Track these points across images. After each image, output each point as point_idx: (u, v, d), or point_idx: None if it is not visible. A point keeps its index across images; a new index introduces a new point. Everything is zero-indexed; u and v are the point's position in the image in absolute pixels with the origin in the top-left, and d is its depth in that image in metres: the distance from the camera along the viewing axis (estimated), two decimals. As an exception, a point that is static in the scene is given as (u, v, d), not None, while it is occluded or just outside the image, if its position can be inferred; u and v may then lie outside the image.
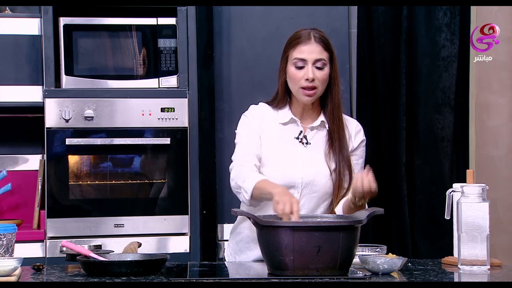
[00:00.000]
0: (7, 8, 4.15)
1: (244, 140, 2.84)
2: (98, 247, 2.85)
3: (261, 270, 2.57)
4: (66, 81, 3.94)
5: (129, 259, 2.56)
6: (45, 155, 3.91)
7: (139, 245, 2.82)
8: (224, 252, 4.08)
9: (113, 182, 3.93)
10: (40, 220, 4.03)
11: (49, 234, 3.85)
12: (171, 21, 3.99)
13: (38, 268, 2.56)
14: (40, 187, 4.13)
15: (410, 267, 2.62)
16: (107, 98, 3.90)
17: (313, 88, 2.78)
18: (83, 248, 2.60)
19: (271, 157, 2.81)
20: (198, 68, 4.00)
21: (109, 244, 3.71)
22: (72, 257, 2.60)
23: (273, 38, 4.12)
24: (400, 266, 2.49)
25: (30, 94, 3.98)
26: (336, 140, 2.82)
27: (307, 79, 2.77)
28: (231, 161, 2.85)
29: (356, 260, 2.48)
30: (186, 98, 3.96)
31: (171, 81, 3.98)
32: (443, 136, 4.21)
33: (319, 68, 2.79)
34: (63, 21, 3.93)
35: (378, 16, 4.23)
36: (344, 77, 4.14)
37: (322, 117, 2.85)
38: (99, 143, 3.89)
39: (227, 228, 4.01)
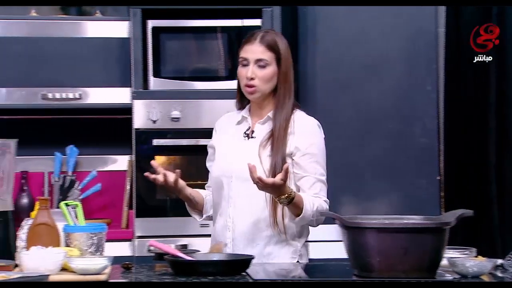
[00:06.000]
0: (98, 11, 4.25)
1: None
2: (184, 246, 2.88)
3: (346, 271, 2.56)
4: (154, 83, 4.00)
5: (215, 259, 2.58)
6: (133, 156, 3.98)
7: (225, 245, 2.84)
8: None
9: (199, 182, 3.96)
10: (128, 220, 4.10)
11: (137, 234, 3.92)
12: (256, 22, 4.00)
13: (127, 267, 2.60)
14: (128, 187, 4.21)
15: (501, 270, 2.56)
16: (193, 100, 3.95)
17: (253, 86, 2.84)
18: (171, 247, 2.64)
19: (216, 155, 2.95)
20: (283, 69, 3.99)
21: (194, 243, 3.74)
22: (160, 256, 2.64)
23: (358, 38, 4.09)
24: (490, 269, 2.43)
25: (119, 95, 4.07)
26: (275, 134, 2.82)
27: (247, 77, 2.84)
28: None
29: (444, 262, 2.44)
30: (271, 98, 3.96)
31: (256, 82, 4.00)
32: (534, 136, 4.11)
33: (260, 67, 2.84)
34: (151, 23, 4.00)
35: (467, 15, 4.16)
36: (431, 77, 4.08)
37: (270, 113, 2.88)
38: (185, 144, 3.94)
39: (311, 229, 3.98)
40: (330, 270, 2.77)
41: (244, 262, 2.52)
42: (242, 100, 2.96)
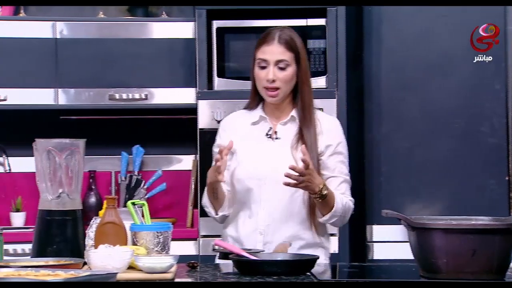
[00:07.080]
0: (164, 12, 4.30)
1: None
2: (249, 246, 2.88)
3: (412, 272, 2.54)
4: (218, 83, 4.03)
5: (279, 259, 2.58)
6: (198, 156, 4.01)
7: (289, 245, 2.83)
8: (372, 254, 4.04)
9: (264, 182, 3.97)
10: (193, 219, 4.14)
11: (202, 233, 3.94)
12: (321, 21, 3.99)
13: (193, 266, 2.62)
14: (193, 186, 4.25)
15: None
16: (257, 100, 3.95)
17: (275, 88, 2.79)
18: (235, 247, 2.65)
19: (241, 157, 2.83)
20: (347, 68, 3.98)
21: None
22: (224, 255, 2.65)
23: (424, 37, 4.05)
24: (561, 272, 2.38)
25: (184, 96, 4.11)
26: (306, 135, 2.79)
27: (267, 80, 2.78)
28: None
29: (513, 264, 2.40)
30: (335, 98, 3.95)
31: (319, 82, 3.99)
32: None
33: (281, 69, 2.79)
34: (216, 24, 4.03)
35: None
36: (500, 76, 4.01)
37: (293, 113, 2.84)
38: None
39: (376, 229, 3.98)
40: (396, 271, 2.75)
41: (308, 262, 2.52)
42: (253, 101, 2.91)
